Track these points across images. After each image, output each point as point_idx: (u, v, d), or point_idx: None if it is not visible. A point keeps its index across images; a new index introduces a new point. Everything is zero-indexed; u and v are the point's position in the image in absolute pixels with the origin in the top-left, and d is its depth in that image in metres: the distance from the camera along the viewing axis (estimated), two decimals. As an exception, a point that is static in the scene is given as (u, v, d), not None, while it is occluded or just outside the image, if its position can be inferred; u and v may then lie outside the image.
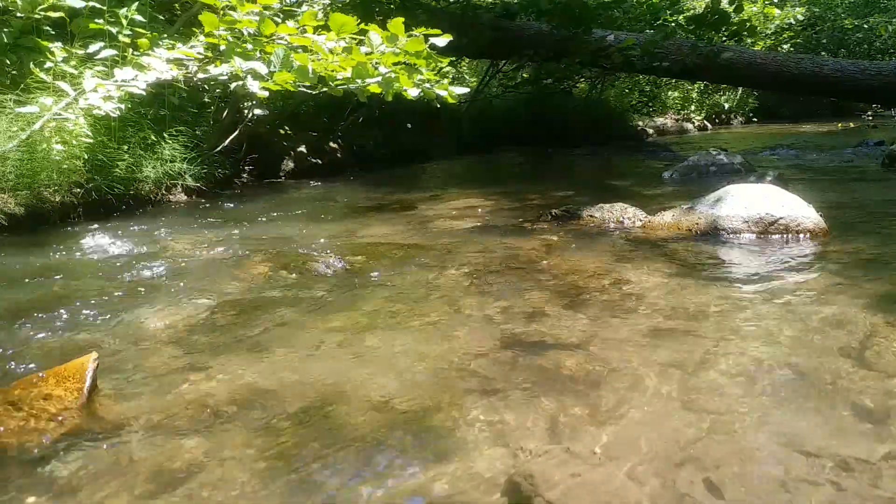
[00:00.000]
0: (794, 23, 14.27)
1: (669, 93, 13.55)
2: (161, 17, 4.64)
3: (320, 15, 3.24)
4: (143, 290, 2.48)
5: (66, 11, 3.64)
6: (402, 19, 3.00)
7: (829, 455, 1.34)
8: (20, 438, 1.43)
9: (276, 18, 3.41)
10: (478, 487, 1.28)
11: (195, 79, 3.55)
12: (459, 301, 2.36)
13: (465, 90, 3.45)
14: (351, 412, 1.56)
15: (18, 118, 3.56)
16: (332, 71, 3.22)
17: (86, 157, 3.84)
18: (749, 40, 8.86)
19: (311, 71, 3.14)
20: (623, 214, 3.61)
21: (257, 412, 1.56)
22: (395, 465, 1.35)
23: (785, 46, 13.52)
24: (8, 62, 3.93)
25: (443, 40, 3.06)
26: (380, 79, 3.18)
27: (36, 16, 3.66)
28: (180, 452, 1.39)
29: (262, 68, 3.22)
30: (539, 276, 2.64)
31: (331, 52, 3.14)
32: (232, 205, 4.54)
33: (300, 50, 3.25)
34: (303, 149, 6.15)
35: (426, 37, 3.08)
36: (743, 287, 2.48)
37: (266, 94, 3.44)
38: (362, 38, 3.14)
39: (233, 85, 3.53)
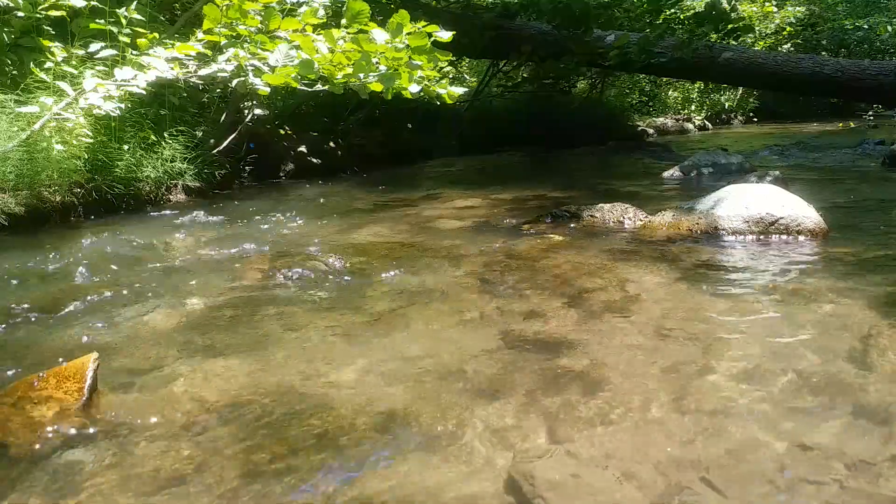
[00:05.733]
0: (794, 21, 14.25)
1: (669, 93, 13.54)
2: (162, 17, 4.64)
3: (321, 13, 3.23)
4: (143, 290, 2.48)
5: (67, 11, 3.63)
6: (405, 12, 3.00)
7: (832, 455, 1.33)
8: (21, 439, 1.43)
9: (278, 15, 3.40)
10: (478, 487, 1.28)
11: (196, 76, 3.55)
12: (459, 301, 2.36)
13: (464, 90, 3.45)
14: (350, 412, 1.56)
15: (19, 118, 3.56)
16: (335, 65, 3.21)
17: (86, 156, 3.84)
18: (750, 39, 8.87)
19: (314, 65, 3.14)
20: (623, 214, 3.61)
21: (257, 412, 1.56)
22: (395, 464, 1.35)
23: (785, 46, 13.50)
24: (8, 62, 3.93)
25: (446, 33, 3.07)
26: (380, 75, 3.18)
27: (37, 15, 3.66)
28: (180, 452, 1.40)
29: (264, 64, 3.22)
30: (539, 277, 2.64)
31: (330, 51, 3.13)
32: (232, 205, 4.53)
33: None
34: (303, 149, 6.14)
35: (427, 35, 3.08)
36: (743, 287, 2.48)
37: (268, 90, 3.43)
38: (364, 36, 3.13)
39: (234, 82, 3.53)
